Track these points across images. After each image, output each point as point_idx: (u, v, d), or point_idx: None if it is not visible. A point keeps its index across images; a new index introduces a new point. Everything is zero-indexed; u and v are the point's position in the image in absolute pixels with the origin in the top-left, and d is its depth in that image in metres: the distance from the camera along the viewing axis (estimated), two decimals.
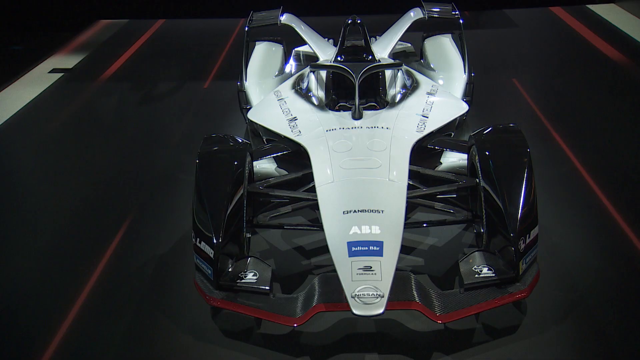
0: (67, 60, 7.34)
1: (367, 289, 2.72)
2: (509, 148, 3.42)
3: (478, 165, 3.35)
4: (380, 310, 2.66)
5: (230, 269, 3.08)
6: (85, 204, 4.38)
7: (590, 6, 8.49)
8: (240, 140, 3.69)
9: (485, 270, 3.02)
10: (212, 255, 3.01)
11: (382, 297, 2.69)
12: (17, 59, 7.55)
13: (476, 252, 3.13)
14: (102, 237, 3.96)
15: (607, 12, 8.19)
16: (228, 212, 3.13)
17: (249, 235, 3.39)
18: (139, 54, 7.66)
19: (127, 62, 7.33)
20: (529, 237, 3.03)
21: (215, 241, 3.02)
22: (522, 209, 3.05)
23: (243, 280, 3.02)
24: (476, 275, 3.00)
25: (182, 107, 5.90)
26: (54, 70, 7.03)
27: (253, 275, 3.05)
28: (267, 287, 3.00)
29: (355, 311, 2.67)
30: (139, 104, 6.12)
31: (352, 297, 2.70)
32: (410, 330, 3.03)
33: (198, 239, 3.09)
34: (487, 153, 3.36)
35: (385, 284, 2.74)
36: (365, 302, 2.68)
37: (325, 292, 2.93)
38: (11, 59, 7.76)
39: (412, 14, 5.19)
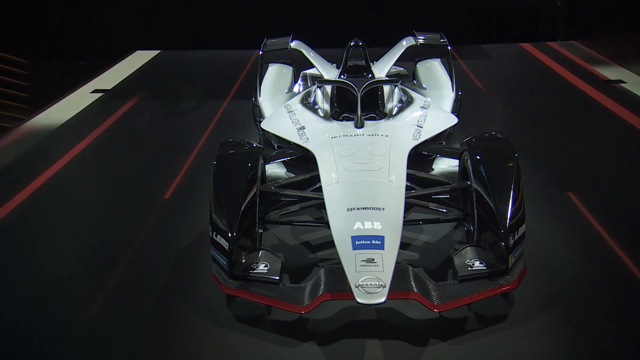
0: (107, 83, 7.09)
1: (370, 280, 2.45)
2: (499, 153, 3.15)
3: (470, 168, 3.07)
4: (382, 299, 2.39)
5: (243, 261, 2.82)
6: (118, 203, 4.13)
7: (553, 43, 8.36)
8: (254, 144, 3.41)
9: (477, 263, 2.75)
10: (227, 248, 2.75)
11: (384, 287, 2.43)
12: (65, 80, 7.31)
13: (468, 247, 2.86)
14: (131, 231, 3.70)
15: (568, 47, 8.03)
16: (242, 209, 2.86)
17: (261, 230, 3.12)
18: (169, 78, 7.45)
19: (159, 85, 7.13)
20: (517, 233, 2.76)
21: (230, 235, 2.75)
22: (511, 208, 2.78)
23: (255, 271, 2.76)
24: (469, 268, 2.73)
25: (203, 122, 5.65)
26: (95, 91, 6.77)
27: (264, 267, 2.79)
28: (277, 277, 2.74)
29: (358, 300, 2.41)
30: (167, 119, 5.90)
31: (355, 286, 2.44)
32: (408, 318, 2.75)
33: (215, 233, 2.83)
34: (478, 157, 3.08)
35: (386, 275, 2.47)
36: (368, 291, 2.42)
37: (331, 282, 2.66)
38: (60, 80, 7.53)
39: (404, 42, 4.95)
